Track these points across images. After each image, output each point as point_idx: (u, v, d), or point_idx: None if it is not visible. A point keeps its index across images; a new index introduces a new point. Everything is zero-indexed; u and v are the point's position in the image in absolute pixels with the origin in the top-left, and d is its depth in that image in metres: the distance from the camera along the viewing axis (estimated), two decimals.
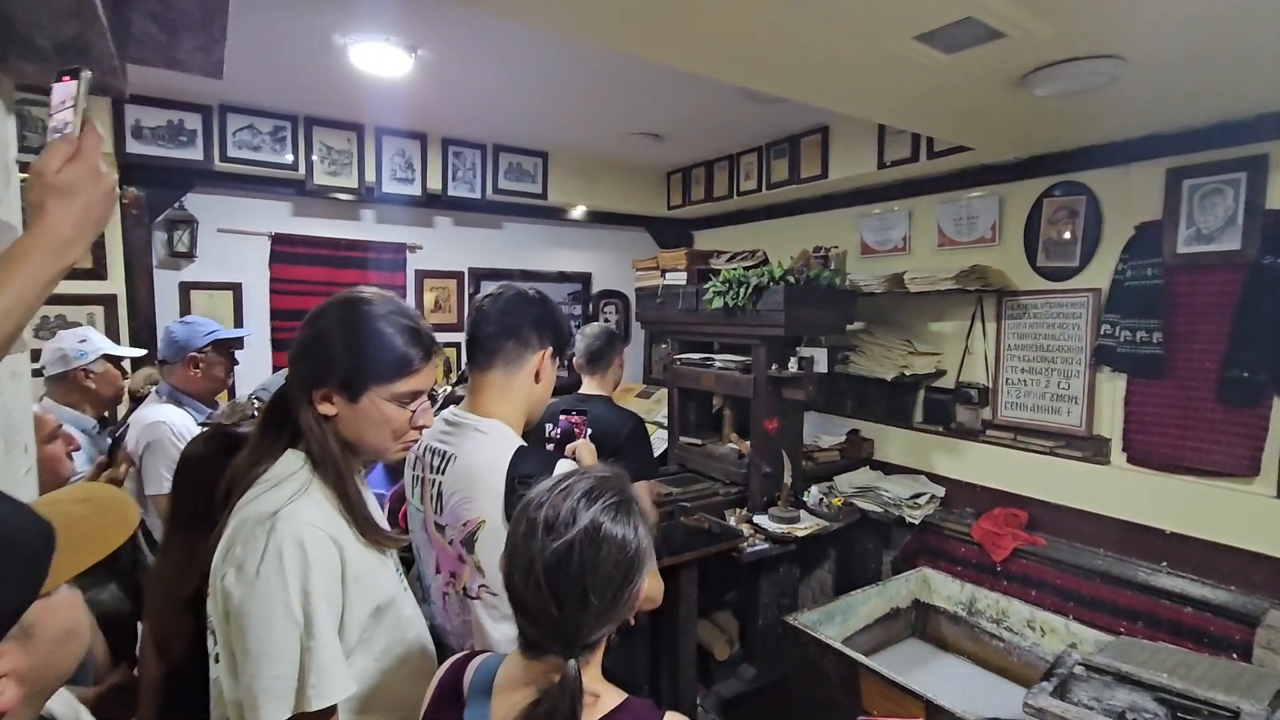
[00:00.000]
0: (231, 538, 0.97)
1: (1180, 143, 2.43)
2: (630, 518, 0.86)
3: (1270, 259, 2.25)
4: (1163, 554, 2.51)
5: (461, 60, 2.69)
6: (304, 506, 0.99)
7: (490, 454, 1.25)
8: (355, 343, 1.06)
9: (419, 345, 1.10)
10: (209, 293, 3.56)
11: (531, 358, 1.35)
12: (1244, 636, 2.19)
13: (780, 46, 1.73)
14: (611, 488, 0.87)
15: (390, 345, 1.07)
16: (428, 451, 1.36)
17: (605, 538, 0.83)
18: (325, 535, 0.98)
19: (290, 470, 1.04)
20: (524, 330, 1.34)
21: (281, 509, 0.96)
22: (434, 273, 4.22)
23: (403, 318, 1.10)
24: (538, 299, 1.40)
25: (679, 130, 3.64)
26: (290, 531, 0.94)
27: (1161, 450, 2.54)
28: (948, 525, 3.00)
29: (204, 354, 2.16)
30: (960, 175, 3.15)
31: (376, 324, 1.07)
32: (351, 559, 1.00)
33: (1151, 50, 1.71)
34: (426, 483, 1.34)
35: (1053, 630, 2.40)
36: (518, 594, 0.83)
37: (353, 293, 1.12)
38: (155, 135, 3.14)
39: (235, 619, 0.92)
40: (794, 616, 2.36)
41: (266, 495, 1.00)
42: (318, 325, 1.07)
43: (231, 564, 0.94)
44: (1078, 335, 2.79)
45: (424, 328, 1.13)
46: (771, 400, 3.10)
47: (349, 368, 1.05)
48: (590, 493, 0.85)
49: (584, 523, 0.82)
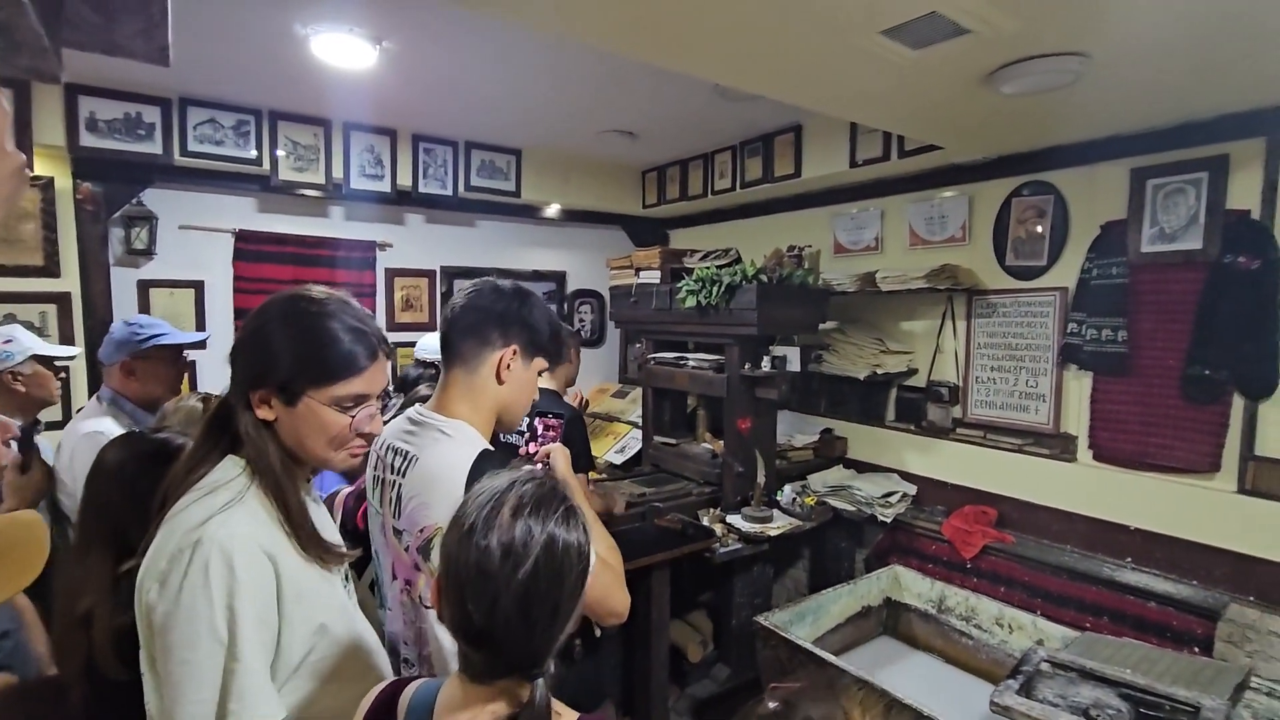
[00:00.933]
0: (158, 549, 0.91)
1: (1144, 143, 2.47)
2: (577, 519, 0.83)
3: (1230, 258, 2.28)
4: (1128, 550, 2.54)
5: (429, 54, 2.64)
6: (236, 517, 0.92)
7: (451, 458, 1.19)
8: (293, 340, 0.99)
9: (363, 344, 1.03)
10: (169, 291, 3.45)
11: (490, 356, 1.28)
12: (1205, 630, 2.23)
13: (750, 41, 1.71)
14: (555, 495, 0.84)
15: (330, 343, 1.00)
16: (389, 450, 1.29)
17: (565, 549, 0.80)
18: (258, 549, 0.92)
19: (226, 478, 0.97)
20: (484, 327, 1.28)
21: (211, 519, 0.90)
22: (405, 271, 4.14)
23: (348, 316, 1.03)
24: (509, 293, 1.32)
25: (652, 128, 3.62)
26: (218, 544, 0.88)
27: (1126, 447, 2.57)
28: (919, 523, 3.02)
29: (143, 358, 2.00)
30: (931, 175, 3.16)
31: (317, 321, 1.01)
32: (290, 574, 0.94)
33: (1116, 47, 1.72)
34: (387, 484, 1.27)
35: (1020, 627, 2.41)
36: (479, 630, 0.77)
37: (298, 289, 1.06)
38: (111, 128, 3.03)
39: (159, 636, 0.87)
40: (765, 617, 2.34)
41: (198, 504, 0.94)
42: (257, 322, 1.01)
43: (155, 578, 0.88)
44: (1045, 334, 2.81)
45: (371, 327, 1.06)
46: (745, 399, 3.09)
47: (286, 368, 0.98)
48: (538, 507, 0.81)
49: (542, 541, 0.79)
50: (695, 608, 3.37)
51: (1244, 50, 1.72)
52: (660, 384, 3.53)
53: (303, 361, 0.99)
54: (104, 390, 2.01)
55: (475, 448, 1.21)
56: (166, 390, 2.03)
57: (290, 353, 0.99)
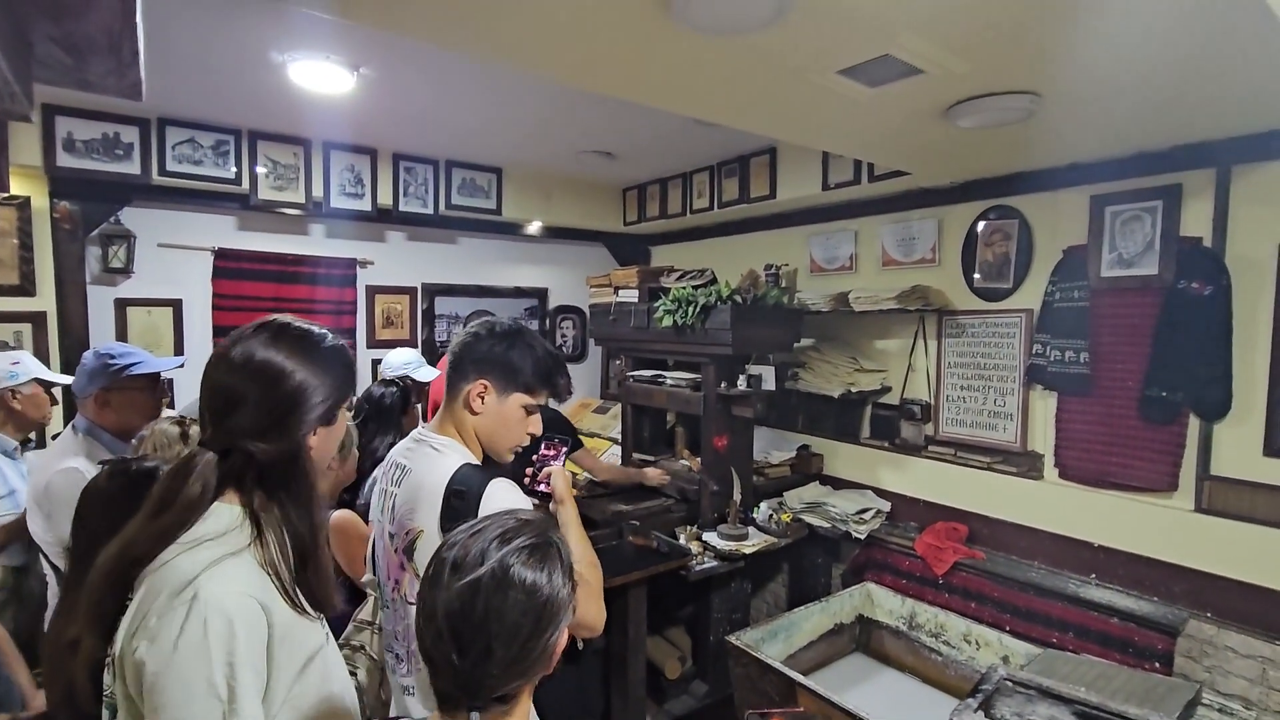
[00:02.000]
0: (142, 604, 0.88)
1: (1102, 171, 2.54)
2: (546, 563, 0.83)
3: (1184, 284, 2.36)
4: (1092, 566, 2.60)
5: (407, 79, 2.67)
6: (231, 569, 0.91)
7: (437, 468, 1.33)
8: (332, 370, 1.06)
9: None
10: (147, 309, 3.45)
11: (464, 388, 1.42)
12: (1166, 646, 2.28)
13: (709, 79, 1.76)
14: (531, 530, 0.84)
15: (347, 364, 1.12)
16: (393, 466, 1.44)
17: (513, 582, 0.79)
18: (254, 602, 0.91)
19: (219, 530, 0.95)
20: (463, 363, 1.43)
21: (203, 573, 0.88)
22: (386, 288, 4.16)
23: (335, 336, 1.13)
24: (493, 335, 1.44)
25: (630, 150, 3.67)
26: (216, 601, 0.87)
27: (1089, 466, 2.64)
28: (892, 539, 3.06)
29: (118, 388, 1.94)
30: (901, 198, 3.23)
31: (335, 346, 1.10)
32: (279, 620, 0.94)
33: (1064, 88, 1.79)
34: (387, 495, 1.41)
35: (987, 644, 2.46)
36: (424, 645, 0.79)
37: (282, 324, 1.06)
38: (89, 148, 3.04)
39: (149, 695, 0.85)
40: (736, 636, 2.37)
41: (185, 556, 0.91)
42: (290, 366, 1.01)
43: (144, 636, 0.86)
44: (1012, 354, 2.88)
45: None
46: (721, 417, 3.13)
47: (329, 397, 1.06)
48: (505, 534, 0.82)
49: (491, 563, 0.79)
50: (674, 623, 3.40)
51: (1189, 88, 1.79)
52: (639, 401, 3.57)
53: (343, 380, 1.09)
54: (79, 420, 1.95)
55: (460, 459, 1.35)
56: (144, 420, 1.95)
57: (337, 372, 1.07)
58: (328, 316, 3.95)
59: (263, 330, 1.03)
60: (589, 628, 1.31)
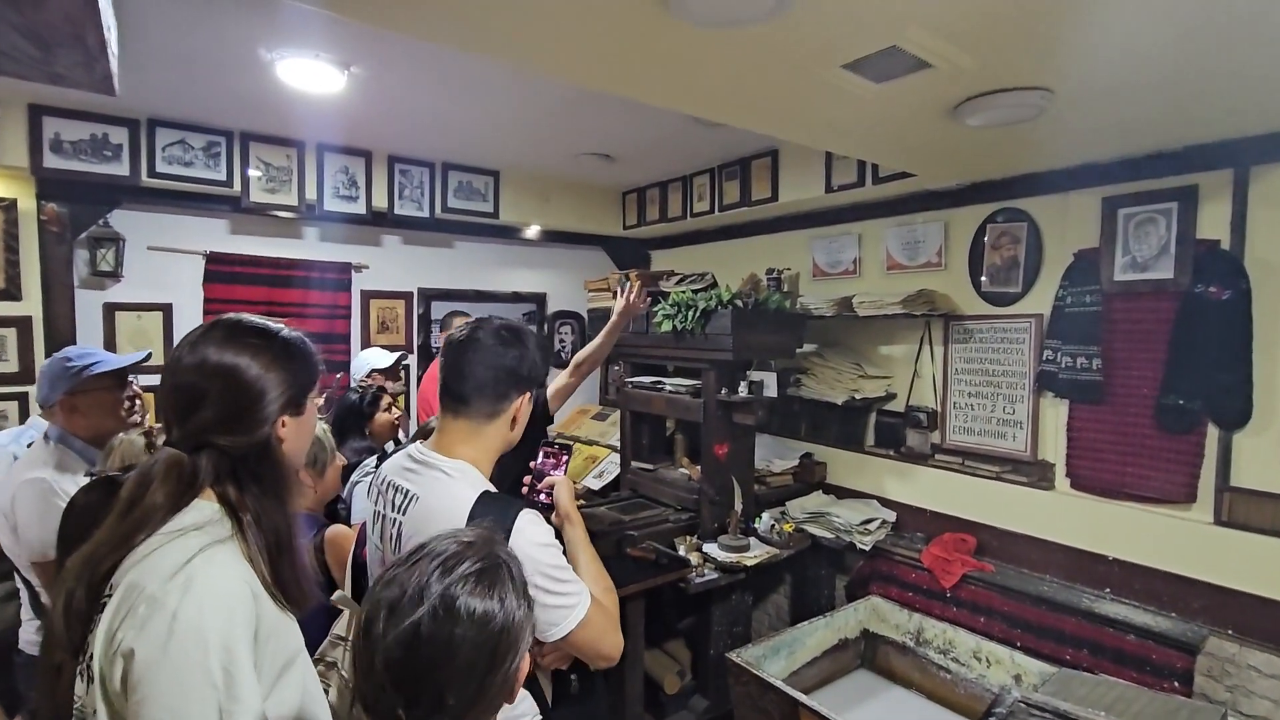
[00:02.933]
0: (127, 596, 0.84)
1: (1115, 172, 2.47)
2: (496, 587, 0.76)
3: (1201, 288, 2.27)
4: (1106, 580, 2.51)
5: (400, 79, 2.61)
6: (222, 555, 0.90)
7: (452, 498, 1.21)
8: (290, 354, 1.04)
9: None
10: (136, 314, 3.39)
11: (509, 408, 1.31)
12: (1185, 664, 2.19)
13: (710, 76, 1.69)
14: (475, 553, 0.76)
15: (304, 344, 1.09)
16: (390, 487, 1.31)
17: (460, 616, 0.71)
18: (247, 589, 0.89)
19: (202, 520, 0.93)
20: (502, 385, 1.30)
21: (194, 558, 0.86)
22: (381, 293, 4.09)
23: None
24: (514, 340, 1.32)
25: (630, 151, 3.60)
26: (211, 584, 0.85)
27: (1103, 476, 2.55)
28: (898, 551, 2.97)
29: (83, 391, 1.83)
30: (906, 200, 3.16)
31: (288, 335, 1.06)
32: (266, 614, 0.91)
33: (1077, 83, 1.71)
34: (387, 520, 1.29)
35: (998, 661, 2.37)
36: (365, 700, 0.71)
37: (227, 322, 1.04)
38: (77, 149, 2.98)
39: (139, 685, 0.79)
40: (737, 653, 2.29)
41: (172, 545, 0.88)
42: (252, 352, 1.00)
43: (133, 625, 0.81)
44: (1021, 360, 2.80)
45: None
46: (722, 425, 3.05)
47: (303, 376, 1.05)
48: (446, 563, 0.74)
49: (432, 600, 0.71)
50: (673, 636, 3.31)
51: (1209, 84, 1.71)
52: (638, 408, 3.49)
53: (303, 369, 1.05)
54: (51, 429, 1.86)
55: (477, 489, 1.22)
56: (115, 420, 1.88)
57: (296, 362, 1.04)
58: (321, 321, 3.88)
59: (216, 329, 1.01)
60: (607, 658, 1.24)
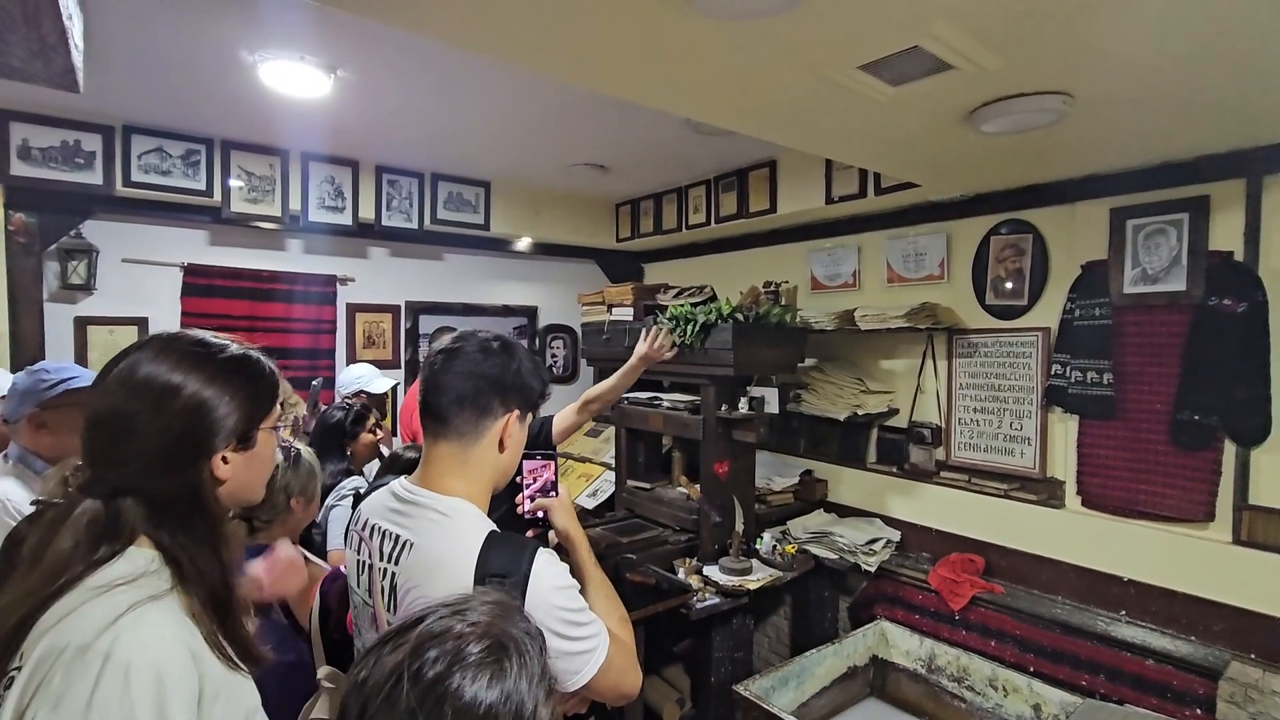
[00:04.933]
0: (42, 665, 0.73)
1: (1123, 183, 2.42)
2: (503, 679, 0.65)
3: (1215, 300, 2.22)
4: (1121, 602, 2.43)
5: (388, 84, 2.51)
6: (154, 614, 0.78)
7: (455, 544, 1.06)
8: (238, 380, 0.92)
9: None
10: (109, 328, 3.23)
11: (493, 426, 1.16)
12: (1207, 690, 2.11)
13: (721, 75, 1.61)
14: (480, 633, 0.66)
15: (261, 364, 0.97)
16: (375, 533, 1.15)
17: (447, 716, 0.61)
18: (185, 651, 0.77)
19: (134, 573, 0.80)
20: (483, 395, 1.15)
21: (121, 618, 0.74)
22: (368, 306, 3.97)
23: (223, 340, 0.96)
24: (499, 351, 1.18)
25: (623, 161, 3.53)
26: (140, 650, 0.74)
27: (1115, 494, 2.48)
28: (904, 572, 2.88)
29: (53, 408, 1.71)
30: (908, 211, 3.11)
31: (240, 355, 0.95)
32: (211, 673, 0.80)
33: (1101, 86, 1.66)
34: (376, 571, 1.13)
35: (1016, 690, 2.27)
36: None
37: (168, 339, 0.92)
38: (47, 157, 2.85)
39: None
40: (744, 685, 2.17)
41: (96, 602, 0.76)
42: (179, 379, 0.86)
43: (46, 700, 0.70)
44: (1029, 375, 2.73)
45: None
46: (721, 442, 2.95)
47: (245, 408, 0.92)
48: (442, 642, 0.63)
49: (415, 695, 0.61)
50: (672, 661, 3.18)
51: (1231, 89, 1.66)
52: (634, 425, 3.38)
53: (253, 393, 0.93)
54: (11, 448, 1.76)
55: (481, 531, 1.08)
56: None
57: (247, 384, 0.92)
58: (306, 336, 3.75)
59: (148, 345, 0.88)
60: (628, 697, 1.13)
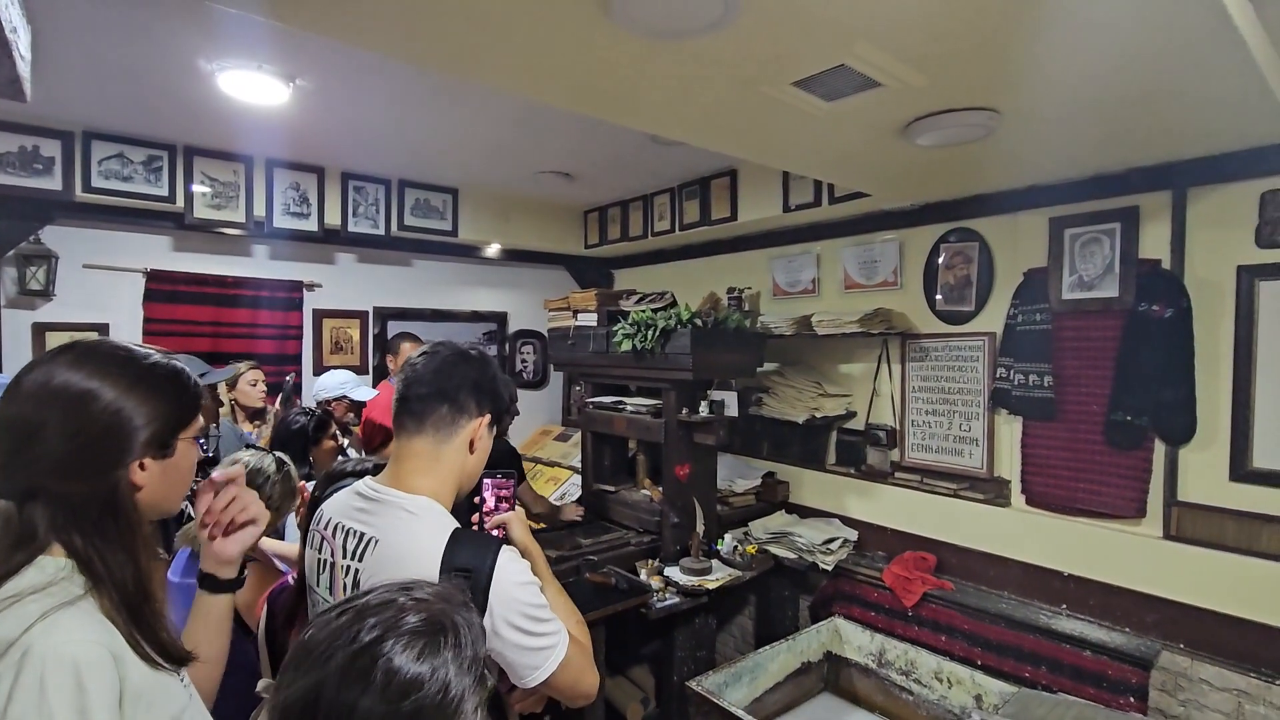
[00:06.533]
0: None
1: (1061, 193, 2.53)
2: (434, 653, 0.67)
3: (1145, 306, 2.33)
4: (1062, 596, 2.52)
5: (347, 93, 2.54)
6: (67, 619, 0.79)
7: (421, 541, 1.09)
8: (155, 386, 0.92)
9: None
10: (69, 335, 3.20)
11: (467, 425, 1.20)
12: (1140, 679, 2.20)
13: (659, 90, 1.68)
14: (420, 609, 0.68)
15: (181, 373, 0.97)
16: (338, 530, 1.17)
17: (375, 681, 0.63)
18: (104, 650, 0.78)
19: (43, 582, 0.81)
20: (461, 395, 1.20)
21: (33, 626, 0.75)
22: (335, 312, 3.98)
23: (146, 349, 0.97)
24: (478, 359, 1.25)
25: (589, 170, 3.58)
26: (55, 654, 0.74)
27: (1056, 492, 2.58)
28: (861, 570, 2.95)
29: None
30: (863, 220, 3.20)
31: (161, 363, 0.95)
32: (132, 674, 0.81)
33: (1025, 104, 1.74)
34: (338, 569, 1.14)
35: (959, 682, 2.35)
36: None
37: (88, 344, 0.93)
38: (4, 162, 2.83)
39: None
40: (698, 681, 2.22)
41: (6, 613, 0.78)
42: (95, 386, 0.87)
43: None
44: (976, 378, 2.83)
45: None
46: (683, 445, 3.00)
47: (163, 416, 0.91)
48: (380, 612, 0.67)
49: (345, 655, 0.63)
50: (636, 661, 3.22)
51: (1149, 107, 1.76)
52: (599, 429, 3.43)
53: (175, 402, 0.93)
54: None
55: (446, 528, 1.11)
56: None
57: (166, 392, 0.92)
58: (272, 342, 3.75)
59: (66, 351, 0.89)
60: (585, 696, 1.16)
